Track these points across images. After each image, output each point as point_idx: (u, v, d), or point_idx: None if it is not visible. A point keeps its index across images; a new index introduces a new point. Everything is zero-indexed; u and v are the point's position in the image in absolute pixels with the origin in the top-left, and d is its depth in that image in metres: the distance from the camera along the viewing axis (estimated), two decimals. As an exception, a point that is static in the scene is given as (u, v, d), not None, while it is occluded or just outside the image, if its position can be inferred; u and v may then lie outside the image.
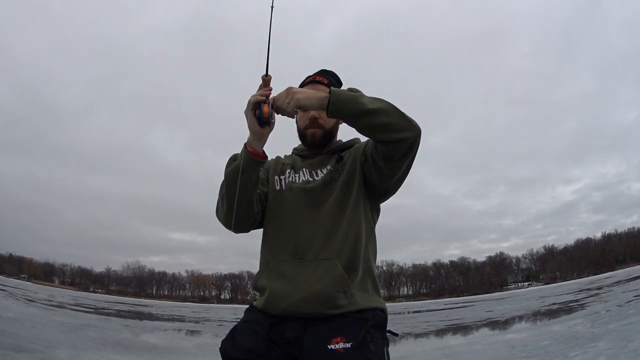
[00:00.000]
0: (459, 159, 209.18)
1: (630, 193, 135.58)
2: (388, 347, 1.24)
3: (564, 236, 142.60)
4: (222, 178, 1.35)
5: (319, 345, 1.15)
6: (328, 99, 1.18)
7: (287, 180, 1.44)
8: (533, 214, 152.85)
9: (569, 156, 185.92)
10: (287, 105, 1.21)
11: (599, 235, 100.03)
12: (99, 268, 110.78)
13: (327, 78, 1.48)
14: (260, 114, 1.21)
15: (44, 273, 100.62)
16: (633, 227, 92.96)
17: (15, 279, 74.08)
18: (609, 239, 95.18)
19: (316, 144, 1.44)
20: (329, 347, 1.13)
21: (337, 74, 1.53)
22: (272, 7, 1.31)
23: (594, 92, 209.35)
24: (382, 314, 1.28)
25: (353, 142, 1.51)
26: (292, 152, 1.57)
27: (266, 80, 1.24)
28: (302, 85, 1.48)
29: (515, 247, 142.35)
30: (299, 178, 1.42)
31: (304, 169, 1.44)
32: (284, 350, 1.21)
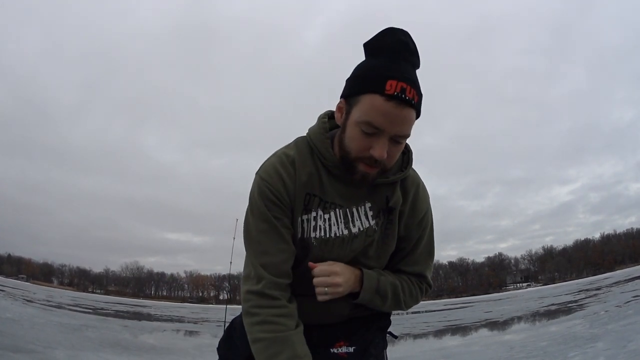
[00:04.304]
0: (452, 159, 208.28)
1: (628, 194, 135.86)
2: (386, 349, 1.25)
3: (561, 237, 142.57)
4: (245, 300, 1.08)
5: (322, 348, 1.13)
6: (357, 292, 1.09)
7: (314, 227, 1.09)
8: (530, 214, 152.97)
9: (564, 156, 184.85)
10: (324, 293, 1.05)
11: (597, 235, 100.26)
12: (97, 269, 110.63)
13: (417, 92, 0.99)
14: None
15: (43, 273, 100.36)
16: (632, 228, 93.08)
17: (14, 279, 74.01)
18: (607, 239, 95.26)
19: (365, 184, 1.07)
20: (332, 350, 1.13)
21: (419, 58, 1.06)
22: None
23: (589, 91, 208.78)
24: (387, 317, 1.26)
25: (404, 177, 1.12)
26: (318, 160, 1.09)
27: None
28: (376, 86, 0.95)
29: (513, 247, 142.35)
30: (330, 227, 1.08)
31: (336, 210, 1.08)
32: None
